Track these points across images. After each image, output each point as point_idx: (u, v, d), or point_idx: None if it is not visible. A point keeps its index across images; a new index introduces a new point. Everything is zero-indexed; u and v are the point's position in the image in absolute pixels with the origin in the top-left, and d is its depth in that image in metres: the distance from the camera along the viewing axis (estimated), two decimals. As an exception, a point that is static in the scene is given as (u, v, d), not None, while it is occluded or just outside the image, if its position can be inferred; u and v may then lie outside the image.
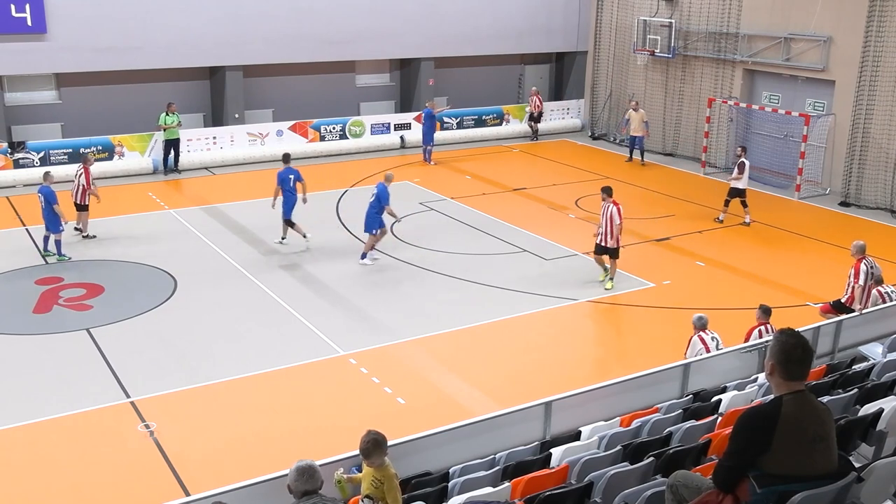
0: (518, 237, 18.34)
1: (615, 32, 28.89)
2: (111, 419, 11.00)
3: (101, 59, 23.12)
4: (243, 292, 15.19)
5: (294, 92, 26.82)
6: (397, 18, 26.89)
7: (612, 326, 14.37)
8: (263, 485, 6.81)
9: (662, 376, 9.44)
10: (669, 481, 5.00)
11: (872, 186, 21.63)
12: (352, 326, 13.95)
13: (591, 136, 29.62)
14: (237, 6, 24.51)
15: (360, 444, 6.17)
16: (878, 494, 4.94)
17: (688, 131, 26.67)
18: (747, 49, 24.56)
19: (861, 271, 12.37)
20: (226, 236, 18.24)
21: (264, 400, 11.57)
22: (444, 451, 7.76)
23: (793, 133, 22.96)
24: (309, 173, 23.52)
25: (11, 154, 22.03)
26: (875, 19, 21.14)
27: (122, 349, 12.86)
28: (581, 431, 8.19)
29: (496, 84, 30.14)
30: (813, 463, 4.23)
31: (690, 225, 19.48)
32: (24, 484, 9.64)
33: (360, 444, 6.18)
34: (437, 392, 11.92)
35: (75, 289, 15.21)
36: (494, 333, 13.80)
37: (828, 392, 8.15)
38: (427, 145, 24.93)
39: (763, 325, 10.92)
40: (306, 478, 5.28)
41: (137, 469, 9.92)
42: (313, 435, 10.60)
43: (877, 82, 21.35)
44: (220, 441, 10.50)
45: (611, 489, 6.24)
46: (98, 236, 17.92)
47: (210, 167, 24.19)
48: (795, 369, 4.27)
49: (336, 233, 18.66)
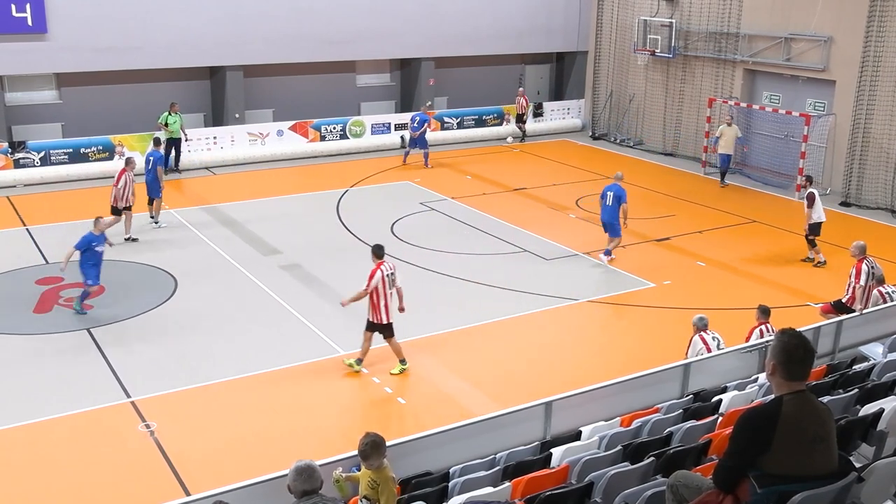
0: (518, 237, 18.33)
1: (615, 32, 28.89)
2: (111, 419, 10.99)
3: (101, 59, 23.12)
4: (243, 292, 15.18)
5: (294, 92, 26.82)
6: (397, 18, 26.89)
7: (613, 326, 14.36)
8: (263, 485, 6.80)
9: (663, 376, 9.43)
10: (670, 481, 5.00)
11: (873, 186, 21.63)
12: (352, 326, 13.93)
13: (592, 136, 29.63)
14: (237, 6, 24.51)
15: (359, 446, 6.18)
16: (878, 495, 4.93)
17: (688, 131, 26.67)
18: (748, 49, 24.56)
19: (862, 271, 12.38)
20: (226, 236, 18.24)
21: (264, 400, 11.57)
22: (444, 451, 7.75)
23: (793, 133, 22.96)
24: (309, 173, 23.64)
25: (12, 154, 22.03)
26: (875, 19, 21.13)
27: (122, 349, 12.86)
28: (581, 431, 8.18)
29: (496, 84, 30.13)
30: (813, 463, 4.22)
31: (691, 225, 19.47)
32: (25, 484, 9.64)
33: (358, 446, 6.18)
34: (438, 392, 11.91)
35: (76, 288, 15.20)
36: (494, 333, 13.79)
37: (828, 392, 8.14)
38: (424, 149, 24.76)
39: (763, 324, 10.91)
40: (305, 477, 5.28)
41: (137, 469, 9.92)
42: (313, 435, 10.60)
43: (877, 82, 21.35)
44: (220, 441, 10.50)
45: (611, 489, 6.23)
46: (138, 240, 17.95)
47: (210, 167, 24.20)
48: (796, 369, 4.27)
49: (336, 233, 18.65)
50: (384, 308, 11.90)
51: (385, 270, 11.88)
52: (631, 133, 28.74)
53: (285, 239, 18.02)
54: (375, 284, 11.77)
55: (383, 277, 11.82)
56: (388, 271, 11.93)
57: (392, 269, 12.03)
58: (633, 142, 28.46)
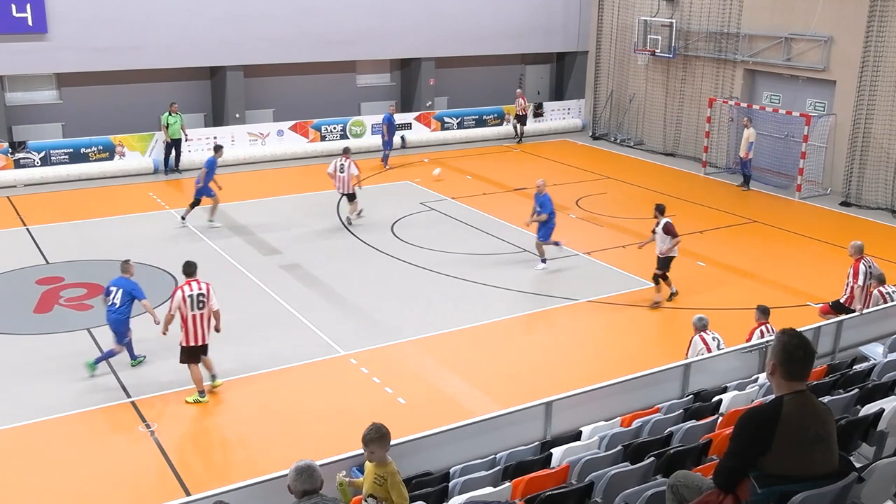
0: (518, 237, 18.32)
1: (616, 32, 28.89)
2: (111, 419, 10.99)
3: (101, 59, 23.12)
4: (244, 292, 15.18)
5: (294, 92, 26.83)
6: (398, 18, 26.89)
7: (613, 326, 14.35)
8: (263, 485, 6.80)
9: (663, 376, 9.42)
10: (670, 481, 5.00)
11: (873, 186, 21.62)
12: (352, 326, 13.94)
13: (592, 135, 29.63)
14: (238, 6, 24.52)
15: (364, 432, 6.14)
16: (878, 495, 4.93)
17: (688, 131, 26.67)
18: (748, 49, 24.56)
19: (860, 271, 12.37)
20: (226, 236, 18.24)
21: (264, 400, 11.57)
22: (444, 451, 7.74)
23: (793, 133, 22.95)
24: (309, 173, 23.62)
25: (12, 154, 22.03)
26: (876, 19, 21.13)
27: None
28: (582, 431, 8.18)
29: (496, 84, 30.14)
30: (813, 463, 4.22)
31: (691, 225, 19.45)
32: (25, 484, 9.64)
33: (363, 433, 6.15)
34: (438, 392, 11.91)
35: (76, 288, 15.20)
36: (494, 333, 13.79)
37: (828, 392, 8.14)
38: (387, 150, 24.65)
39: (763, 325, 10.91)
40: (304, 477, 5.27)
41: (138, 469, 9.93)
42: (313, 435, 10.60)
43: (877, 82, 21.34)
44: (220, 441, 10.50)
45: (611, 489, 6.23)
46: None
47: (210, 167, 24.17)
48: (797, 369, 4.27)
49: (336, 233, 18.65)
50: (190, 331, 11.11)
51: (188, 291, 11.05)
52: (631, 133, 28.74)
53: (285, 239, 18.02)
54: (177, 305, 11.03)
55: (184, 298, 11.01)
56: (193, 291, 11.08)
57: (201, 289, 11.15)
58: (634, 142, 28.46)
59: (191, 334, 11.15)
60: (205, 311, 11.18)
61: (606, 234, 18.87)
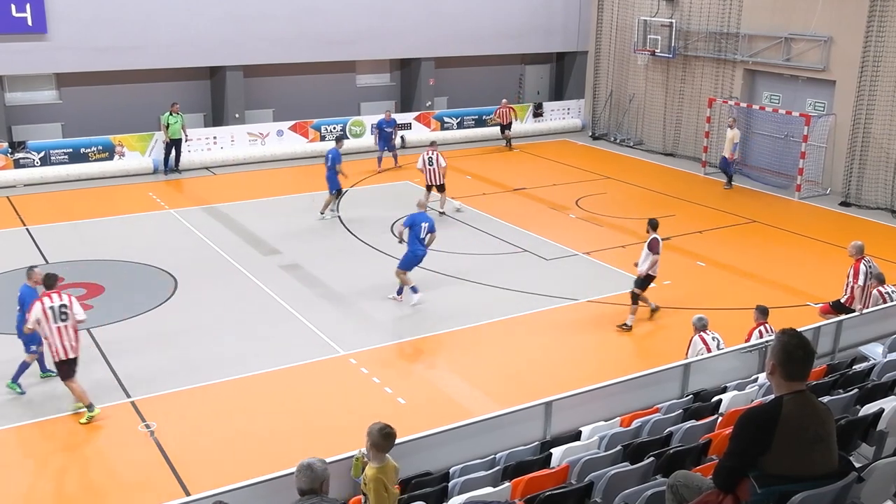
0: (518, 237, 18.33)
1: (616, 32, 28.89)
2: (111, 419, 10.99)
3: (101, 58, 23.12)
4: (243, 292, 15.18)
5: (294, 92, 26.82)
6: (397, 18, 26.89)
7: (613, 326, 14.34)
8: (263, 485, 6.80)
9: (662, 376, 9.43)
10: (670, 481, 5.00)
11: (873, 186, 21.62)
12: (352, 326, 13.94)
13: (592, 135, 29.62)
14: (238, 6, 24.51)
15: (371, 426, 6.15)
16: (878, 494, 4.94)
17: (688, 131, 26.67)
18: (748, 49, 24.56)
19: (860, 271, 12.37)
20: (226, 236, 18.23)
21: (264, 400, 11.57)
22: (444, 451, 7.75)
23: (793, 133, 22.95)
24: (309, 173, 23.60)
25: (12, 154, 22.03)
26: (875, 19, 21.13)
27: (122, 349, 12.85)
28: (581, 431, 8.19)
29: (496, 84, 30.13)
30: (813, 463, 4.22)
31: (690, 225, 19.46)
32: (25, 484, 9.65)
33: (369, 427, 6.16)
34: (438, 392, 11.91)
35: (75, 288, 15.17)
36: (494, 333, 13.79)
37: (828, 392, 8.14)
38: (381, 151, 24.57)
39: (762, 325, 10.91)
40: (304, 476, 5.28)
41: (137, 469, 9.92)
42: (314, 435, 10.59)
43: (877, 82, 21.34)
44: (220, 441, 10.50)
45: (611, 489, 6.24)
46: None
47: (210, 167, 24.19)
48: (796, 369, 4.27)
49: (336, 232, 18.65)
50: (58, 345, 10.60)
51: (48, 303, 10.57)
52: (631, 133, 28.74)
53: (285, 239, 18.02)
54: (36, 318, 10.54)
55: (44, 310, 10.52)
56: (55, 303, 10.61)
57: (63, 301, 10.67)
58: (633, 142, 28.46)
59: (59, 348, 10.63)
60: (69, 323, 10.67)
61: (606, 234, 18.86)
